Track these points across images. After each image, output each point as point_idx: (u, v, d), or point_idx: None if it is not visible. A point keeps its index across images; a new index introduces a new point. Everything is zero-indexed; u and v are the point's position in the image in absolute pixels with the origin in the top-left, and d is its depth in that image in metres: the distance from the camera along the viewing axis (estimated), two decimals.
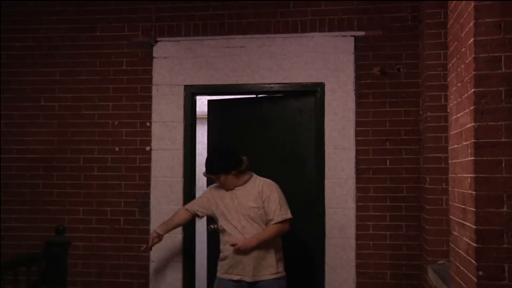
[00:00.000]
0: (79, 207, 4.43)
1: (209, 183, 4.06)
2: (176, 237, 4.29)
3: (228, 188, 3.61)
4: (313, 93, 4.28)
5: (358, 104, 4.19)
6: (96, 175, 4.44)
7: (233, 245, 3.49)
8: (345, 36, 4.23)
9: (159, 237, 3.83)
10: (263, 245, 3.50)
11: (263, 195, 3.54)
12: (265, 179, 3.64)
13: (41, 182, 4.49)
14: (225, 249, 3.59)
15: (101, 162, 4.44)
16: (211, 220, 4.07)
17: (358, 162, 4.16)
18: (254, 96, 4.54)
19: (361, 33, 4.22)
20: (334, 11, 4.25)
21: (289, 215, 3.54)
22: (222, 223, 3.63)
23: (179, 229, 4.25)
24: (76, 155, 4.46)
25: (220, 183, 3.64)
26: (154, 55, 4.43)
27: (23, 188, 4.50)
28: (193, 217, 3.91)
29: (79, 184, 4.45)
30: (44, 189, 4.48)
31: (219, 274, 3.63)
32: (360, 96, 4.19)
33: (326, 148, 4.20)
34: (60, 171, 4.47)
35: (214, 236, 4.12)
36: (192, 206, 3.85)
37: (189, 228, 4.34)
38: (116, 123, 4.45)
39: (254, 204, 3.53)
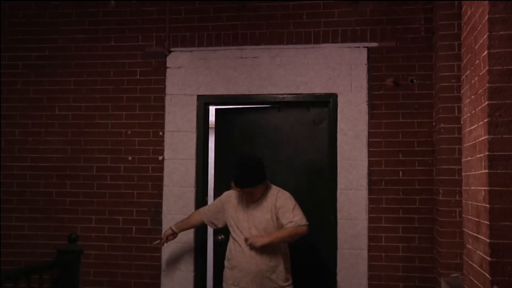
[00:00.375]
0: (91, 215, 4.46)
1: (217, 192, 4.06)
2: (187, 246, 4.30)
3: (256, 199, 3.57)
4: (326, 103, 4.27)
5: (371, 115, 4.18)
6: (108, 184, 4.46)
7: (245, 239, 3.45)
8: (358, 47, 4.23)
9: (174, 235, 3.85)
10: (272, 257, 3.48)
11: (276, 206, 3.52)
12: (279, 189, 3.62)
13: (54, 190, 4.52)
14: (233, 258, 3.57)
15: (114, 171, 4.46)
16: (218, 231, 4.06)
17: (370, 173, 4.15)
18: (269, 105, 4.52)
19: (374, 44, 4.22)
20: (347, 22, 4.26)
21: (304, 221, 3.48)
22: (232, 231, 3.62)
23: (191, 239, 4.26)
24: (89, 164, 4.50)
25: (253, 194, 3.56)
26: (167, 65, 4.46)
27: (37, 196, 4.53)
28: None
29: (92, 193, 4.47)
30: (57, 198, 4.51)
31: (225, 285, 3.60)
32: (373, 107, 4.19)
33: (338, 158, 4.18)
34: (73, 179, 4.51)
35: (221, 247, 4.10)
36: (204, 209, 3.88)
37: (201, 238, 4.34)
38: (129, 132, 4.47)
39: (268, 216, 3.52)
